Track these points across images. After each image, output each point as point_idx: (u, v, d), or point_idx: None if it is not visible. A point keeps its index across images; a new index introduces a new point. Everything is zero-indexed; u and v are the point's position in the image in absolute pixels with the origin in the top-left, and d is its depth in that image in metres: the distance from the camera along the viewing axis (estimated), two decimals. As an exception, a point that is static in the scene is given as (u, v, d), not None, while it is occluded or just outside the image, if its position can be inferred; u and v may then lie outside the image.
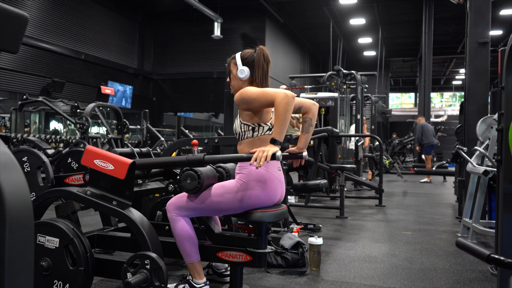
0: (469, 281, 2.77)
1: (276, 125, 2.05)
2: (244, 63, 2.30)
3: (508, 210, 2.00)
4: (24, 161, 2.38)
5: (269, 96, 2.09)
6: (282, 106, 2.02)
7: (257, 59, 2.27)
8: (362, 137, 8.03)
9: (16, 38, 0.91)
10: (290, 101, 2.03)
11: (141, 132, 11.45)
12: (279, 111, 2.03)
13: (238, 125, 2.26)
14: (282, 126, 2.04)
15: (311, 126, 2.35)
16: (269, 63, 2.30)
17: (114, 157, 2.11)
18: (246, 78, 2.28)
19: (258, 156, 1.98)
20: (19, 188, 0.69)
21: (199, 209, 2.21)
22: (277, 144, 2.03)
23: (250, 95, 2.14)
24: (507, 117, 2.06)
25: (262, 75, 2.27)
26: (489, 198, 3.89)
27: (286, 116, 2.03)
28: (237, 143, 2.30)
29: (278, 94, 2.05)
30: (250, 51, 2.33)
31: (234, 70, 2.33)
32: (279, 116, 2.03)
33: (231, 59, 2.37)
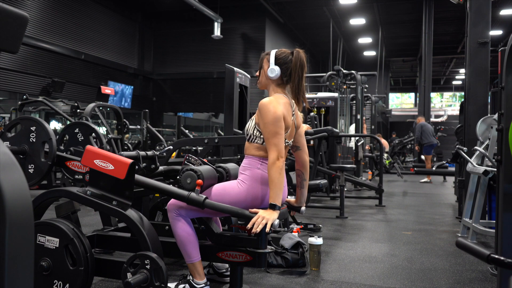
0: (469, 281, 2.77)
1: (271, 190, 2.09)
2: (276, 62, 2.25)
3: (508, 210, 2.00)
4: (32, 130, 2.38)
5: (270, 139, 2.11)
6: (274, 170, 2.07)
7: (293, 63, 2.23)
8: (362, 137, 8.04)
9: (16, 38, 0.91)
10: (281, 165, 2.08)
11: (141, 132, 11.45)
12: (272, 175, 2.08)
13: (252, 127, 2.25)
14: (279, 190, 2.09)
15: (305, 181, 2.42)
16: (303, 68, 2.25)
17: (114, 157, 2.11)
18: (276, 77, 2.25)
19: (257, 222, 2.04)
20: (19, 188, 0.69)
21: (199, 210, 2.21)
22: (277, 210, 2.08)
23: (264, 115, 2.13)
24: (507, 117, 2.06)
25: (297, 80, 2.24)
26: (489, 198, 3.89)
27: (280, 179, 2.08)
28: (246, 141, 2.30)
29: (273, 153, 2.09)
30: (286, 51, 2.29)
31: (266, 66, 2.29)
32: (273, 181, 2.08)
33: (265, 54, 2.33)
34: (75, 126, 3.04)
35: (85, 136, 2.98)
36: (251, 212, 2.11)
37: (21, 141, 2.40)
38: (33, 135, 2.38)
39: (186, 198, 2.14)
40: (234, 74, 4.05)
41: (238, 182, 2.22)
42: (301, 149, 2.38)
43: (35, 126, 2.38)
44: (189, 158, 2.41)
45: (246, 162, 2.24)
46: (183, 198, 2.15)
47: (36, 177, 2.37)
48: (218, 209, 2.13)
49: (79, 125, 3.02)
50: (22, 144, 2.39)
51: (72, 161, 2.47)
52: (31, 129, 2.38)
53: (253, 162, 2.21)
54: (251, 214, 2.10)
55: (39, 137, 2.37)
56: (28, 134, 2.38)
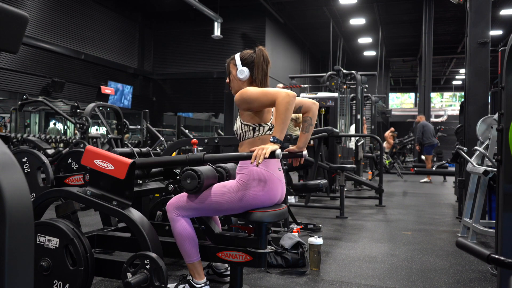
0: (469, 281, 2.77)
1: (276, 124, 2.06)
2: (243, 64, 2.30)
3: (508, 210, 2.00)
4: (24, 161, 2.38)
5: (270, 96, 2.09)
6: (283, 105, 2.02)
7: (256, 60, 2.28)
8: (363, 137, 8.03)
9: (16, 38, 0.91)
10: (291, 100, 2.04)
11: (141, 132, 11.45)
12: (280, 110, 2.03)
13: (239, 126, 2.26)
14: (283, 125, 2.05)
15: (311, 126, 2.35)
16: (268, 63, 2.30)
17: (114, 157, 2.11)
18: (246, 78, 2.29)
19: (258, 154, 1.99)
20: (19, 188, 0.69)
21: (199, 209, 2.21)
22: (277, 142, 2.04)
23: (250, 95, 2.14)
24: (507, 117, 2.06)
25: (262, 76, 2.28)
26: (489, 198, 3.89)
27: (287, 115, 2.04)
28: (238, 144, 2.30)
29: (279, 94, 2.06)
30: (249, 51, 2.33)
31: (234, 70, 2.33)
32: (280, 115, 2.04)
33: (230, 59, 2.37)
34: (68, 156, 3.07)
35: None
36: (250, 151, 2.08)
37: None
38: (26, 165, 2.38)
39: (185, 160, 2.16)
40: (234, 74, 4.04)
41: (237, 182, 2.21)
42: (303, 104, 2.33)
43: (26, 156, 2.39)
44: (189, 158, 2.41)
45: (242, 162, 2.23)
46: (183, 162, 2.18)
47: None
48: (218, 159, 2.14)
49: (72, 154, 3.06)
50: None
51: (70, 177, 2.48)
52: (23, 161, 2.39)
53: (249, 160, 2.20)
54: (250, 153, 2.06)
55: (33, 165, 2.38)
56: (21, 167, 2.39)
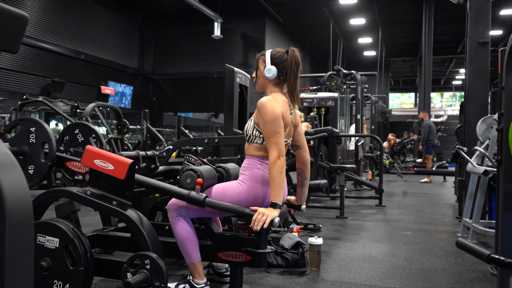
0: (469, 281, 2.77)
1: (272, 189, 2.09)
2: (272, 62, 2.25)
3: (508, 210, 2.00)
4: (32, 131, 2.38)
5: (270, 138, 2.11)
6: (275, 169, 2.07)
7: (289, 62, 2.23)
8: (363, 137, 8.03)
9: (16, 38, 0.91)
10: (282, 164, 2.08)
11: (141, 132, 11.45)
12: (273, 174, 2.08)
13: (251, 128, 2.25)
14: (279, 189, 2.09)
15: (305, 180, 2.41)
16: (299, 66, 2.26)
17: (114, 157, 2.11)
18: (273, 77, 2.25)
19: (257, 219, 2.04)
20: (19, 188, 0.69)
21: (199, 210, 2.21)
22: (277, 208, 2.08)
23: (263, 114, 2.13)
24: (507, 117, 2.06)
25: (293, 79, 2.25)
26: (489, 198, 3.89)
27: (281, 178, 2.08)
28: (246, 142, 2.29)
29: (274, 152, 2.09)
30: (281, 50, 2.29)
31: (262, 67, 2.29)
32: (274, 180, 2.08)
33: (260, 55, 2.32)
34: (75, 126, 3.04)
35: (85, 137, 2.98)
36: (251, 210, 2.11)
37: (20, 142, 2.40)
38: (33, 136, 2.38)
39: (186, 197, 2.14)
40: (234, 74, 4.05)
41: (239, 183, 2.22)
42: (301, 148, 2.38)
43: (35, 127, 2.39)
44: (189, 158, 2.41)
45: (246, 163, 2.24)
46: (183, 197, 2.15)
47: (36, 178, 2.38)
48: (218, 207, 2.13)
49: (79, 126, 3.03)
50: (22, 145, 2.39)
51: (72, 162, 2.47)
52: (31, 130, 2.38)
53: (253, 162, 2.21)
54: (251, 212, 2.10)
55: (39, 138, 2.38)
56: (27, 135, 2.39)
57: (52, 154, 2.35)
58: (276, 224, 2.08)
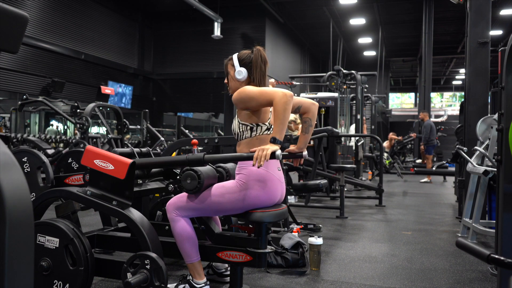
0: (469, 281, 2.77)
1: (275, 125, 2.06)
2: (241, 64, 2.29)
3: (508, 210, 2.00)
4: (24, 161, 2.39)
5: (268, 95, 2.09)
6: (281, 105, 2.03)
7: (254, 60, 2.27)
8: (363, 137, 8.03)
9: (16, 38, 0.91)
10: (288, 100, 2.04)
11: (141, 132, 11.45)
12: (278, 110, 2.03)
13: (236, 125, 2.26)
14: (282, 125, 2.05)
15: (310, 126, 2.36)
16: (266, 63, 2.30)
17: (114, 157, 2.11)
18: (244, 79, 2.28)
19: (258, 155, 1.99)
20: (19, 188, 0.69)
21: (199, 209, 2.21)
22: (277, 143, 2.04)
23: (248, 94, 2.14)
24: (507, 117, 2.06)
25: (260, 76, 2.28)
26: (489, 198, 3.89)
27: (285, 115, 2.04)
28: (236, 144, 2.30)
29: (277, 93, 2.06)
30: (247, 52, 2.33)
31: (232, 71, 2.33)
32: (278, 115, 2.03)
33: (228, 60, 2.37)
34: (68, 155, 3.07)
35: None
36: (251, 151, 2.08)
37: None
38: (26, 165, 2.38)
39: (185, 161, 2.16)
40: (234, 74, 4.04)
41: (237, 182, 2.21)
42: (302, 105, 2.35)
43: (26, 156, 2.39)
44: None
45: (242, 162, 2.23)
46: (183, 162, 2.18)
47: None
48: (218, 159, 2.15)
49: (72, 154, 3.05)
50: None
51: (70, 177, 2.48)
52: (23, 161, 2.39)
53: (248, 161, 2.20)
54: (251, 153, 2.06)
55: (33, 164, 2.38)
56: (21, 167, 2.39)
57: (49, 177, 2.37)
58: (279, 156, 2.00)
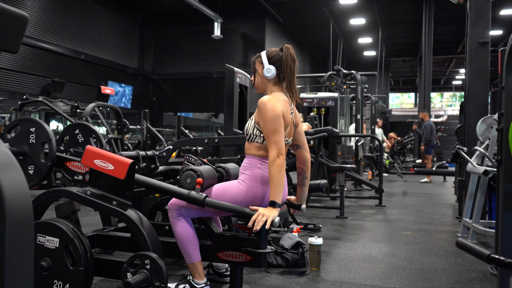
0: (469, 281, 2.77)
1: (272, 188, 2.09)
2: (270, 62, 2.26)
3: (508, 210, 2.00)
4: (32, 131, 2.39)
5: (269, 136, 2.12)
6: (274, 168, 2.07)
7: (284, 58, 2.24)
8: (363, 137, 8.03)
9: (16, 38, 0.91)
10: (281, 163, 2.08)
11: (141, 132, 11.44)
12: (272, 174, 2.07)
13: (251, 127, 2.25)
14: (278, 188, 2.08)
15: (306, 179, 2.42)
16: (295, 62, 2.27)
17: (114, 157, 2.11)
18: (273, 77, 2.26)
19: (258, 220, 2.03)
20: (19, 188, 0.69)
21: (199, 209, 2.21)
22: (277, 207, 2.08)
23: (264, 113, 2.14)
24: (507, 117, 2.06)
25: (290, 74, 2.26)
26: (489, 198, 3.89)
27: (280, 177, 2.08)
28: (246, 141, 2.29)
29: (273, 151, 2.09)
30: (275, 50, 2.30)
31: (260, 68, 2.29)
32: (273, 179, 2.07)
33: (256, 57, 2.33)
34: (75, 127, 3.04)
35: (85, 137, 2.98)
36: (251, 210, 2.11)
37: (20, 142, 2.40)
38: (33, 136, 2.38)
39: (186, 196, 2.14)
40: (234, 74, 4.05)
41: (239, 182, 2.22)
42: (301, 147, 2.39)
43: (35, 127, 2.39)
44: (189, 158, 2.41)
45: (247, 162, 2.24)
46: (183, 196, 2.15)
47: (36, 178, 2.38)
48: (218, 207, 2.13)
49: (79, 126, 3.03)
50: (22, 145, 2.39)
51: (72, 162, 2.47)
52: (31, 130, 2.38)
53: (254, 162, 2.21)
54: (251, 211, 2.09)
55: (39, 138, 2.38)
56: (27, 136, 2.39)
57: (52, 154, 2.35)
58: (276, 224, 2.08)
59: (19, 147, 2.39)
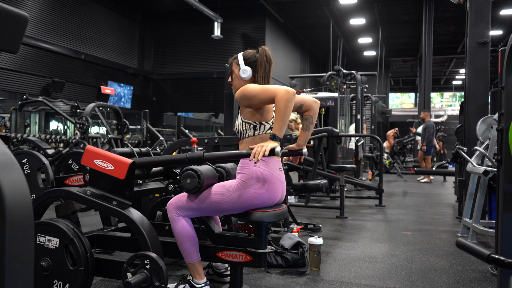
0: (469, 281, 2.77)
1: (276, 121, 2.06)
2: (246, 63, 2.30)
3: (508, 210, 2.00)
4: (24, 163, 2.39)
5: (270, 92, 2.10)
6: (283, 102, 2.03)
7: (259, 60, 2.28)
8: (363, 137, 8.03)
9: (16, 38, 0.91)
10: (290, 97, 2.04)
11: (141, 132, 11.45)
12: (280, 107, 2.04)
13: (240, 124, 2.26)
14: (282, 122, 2.05)
15: (311, 124, 2.36)
16: (271, 63, 2.31)
17: (114, 157, 2.11)
18: (249, 78, 2.29)
19: (257, 151, 2.00)
20: (19, 188, 0.69)
21: (199, 209, 2.21)
22: (277, 140, 2.05)
23: (251, 91, 2.15)
24: (507, 117, 2.06)
25: (264, 75, 2.28)
26: (489, 198, 3.89)
27: (287, 112, 2.04)
28: (239, 142, 2.30)
29: (279, 90, 2.07)
30: (252, 51, 2.33)
31: (236, 70, 2.33)
32: (280, 112, 2.04)
33: (233, 59, 2.37)
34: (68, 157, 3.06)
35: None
36: (250, 148, 2.08)
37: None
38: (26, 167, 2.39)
39: (185, 159, 2.17)
40: (234, 74, 4.04)
41: (238, 181, 2.21)
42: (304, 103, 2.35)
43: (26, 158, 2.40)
44: (189, 158, 2.41)
45: (243, 161, 2.23)
46: (182, 160, 2.18)
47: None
48: (218, 157, 2.15)
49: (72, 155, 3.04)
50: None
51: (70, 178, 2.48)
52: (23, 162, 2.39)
53: (250, 161, 2.20)
54: (250, 150, 2.07)
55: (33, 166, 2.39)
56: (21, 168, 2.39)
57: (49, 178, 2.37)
58: (278, 153, 2.01)
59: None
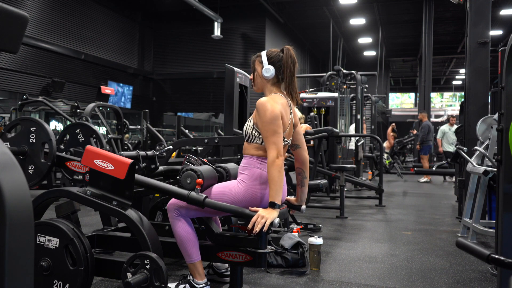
0: (469, 281, 2.77)
1: (271, 188, 2.09)
2: (269, 62, 2.26)
3: (508, 210, 2.00)
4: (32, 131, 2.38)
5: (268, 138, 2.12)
6: (274, 169, 2.07)
7: (284, 60, 2.25)
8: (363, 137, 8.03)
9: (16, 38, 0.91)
10: (280, 164, 2.08)
11: (141, 132, 11.45)
12: (272, 175, 2.07)
13: (250, 127, 2.25)
14: (278, 189, 2.08)
15: (305, 179, 2.42)
16: (295, 63, 2.28)
17: (114, 157, 2.11)
18: (271, 77, 2.26)
19: (258, 222, 2.04)
20: (19, 188, 0.69)
21: (199, 210, 2.21)
22: (276, 208, 2.08)
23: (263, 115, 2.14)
24: (507, 117, 2.06)
25: (289, 76, 2.26)
26: (489, 198, 3.89)
27: (280, 178, 2.08)
28: (245, 141, 2.29)
29: (271, 152, 2.09)
30: (276, 50, 2.31)
31: (259, 68, 2.30)
32: (273, 179, 2.07)
33: (256, 56, 2.34)
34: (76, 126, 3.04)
35: (86, 137, 2.98)
36: (251, 211, 2.11)
37: (21, 142, 2.40)
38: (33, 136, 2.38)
39: (186, 197, 2.14)
40: (234, 74, 4.04)
41: (238, 182, 2.22)
42: (300, 147, 2.39)
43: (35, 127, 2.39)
44: (189, 158, 2.41)
45: (245, 162, 2.24)
46: (183, 197, 2.15)
47: (36, 178, 2.38)
48: (218, 207, 2.13)
49: (80, 126, 3.03)
50: (22, 145, 2.39)
51: (72, 162, 2.47)
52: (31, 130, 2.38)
53: (252, 162, 2.21)
54: (251, 212, 2.10)
55: (39, 138, 2.38)
56: (28, 135, 2.39)
57: (52, 154, 2.35)
58: (276, 224, 2.08)
59: (19, 147, 2.38)
